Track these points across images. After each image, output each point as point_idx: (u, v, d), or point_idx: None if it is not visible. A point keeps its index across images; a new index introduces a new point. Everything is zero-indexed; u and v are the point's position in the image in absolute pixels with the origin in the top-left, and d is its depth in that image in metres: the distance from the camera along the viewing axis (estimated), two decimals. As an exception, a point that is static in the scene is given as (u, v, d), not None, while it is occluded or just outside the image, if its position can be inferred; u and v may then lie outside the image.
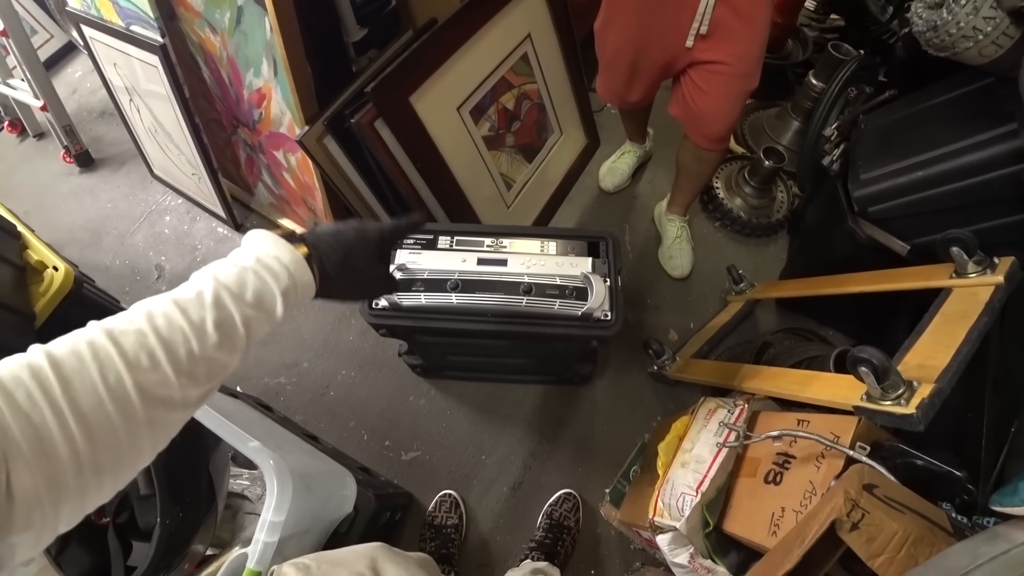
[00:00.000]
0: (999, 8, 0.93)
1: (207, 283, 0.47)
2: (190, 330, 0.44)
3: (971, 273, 0.96)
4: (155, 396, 0.41)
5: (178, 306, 0.44)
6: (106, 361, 0.39)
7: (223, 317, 0.46)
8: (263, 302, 0.49)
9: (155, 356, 0.41)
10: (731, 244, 1.82)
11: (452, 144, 1.27)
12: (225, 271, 0.49)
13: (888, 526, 0.55)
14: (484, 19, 1.27)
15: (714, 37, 1.18)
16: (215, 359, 0.45)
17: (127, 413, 0.39)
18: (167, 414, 0.42)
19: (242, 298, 0.47)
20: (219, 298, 0.46)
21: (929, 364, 0.81)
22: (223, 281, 0.47)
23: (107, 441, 0.38)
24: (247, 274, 0.49)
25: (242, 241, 0.54)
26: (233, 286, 0.47)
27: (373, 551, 0.75)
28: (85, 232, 1.96)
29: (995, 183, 1.04)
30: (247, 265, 0.50)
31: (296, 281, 0.52)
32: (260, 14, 1.18)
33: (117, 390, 0.39)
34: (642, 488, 1.19)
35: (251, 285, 0.48)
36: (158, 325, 0.43)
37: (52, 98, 1.96)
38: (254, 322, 0.48)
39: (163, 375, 0.41)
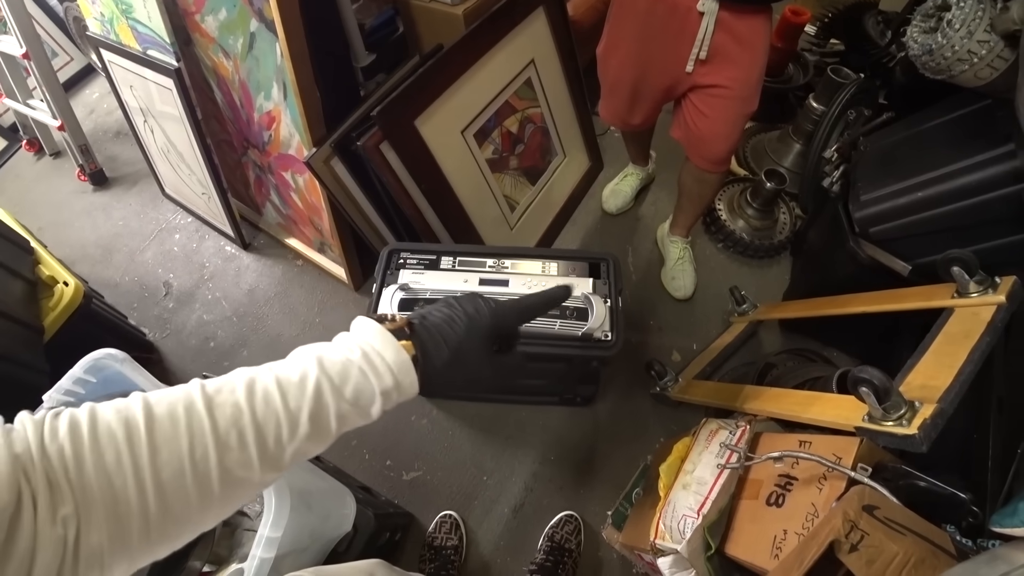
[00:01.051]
0: (993, 32, 0.95)
1: (312, 368, 0.46)
2: (284, 417, 0.43)
3: (973, 293, 0.96)
4: (234, 477, 0.41)
5: (279, 387, 0.44)
6: (198, 434, 0.40)
7: (319, 410, 0.45)
8: (360, 400, 0.47)
9: (245, 438, 0.41)
10: (734, 265, 1.82)
11: (456, 167, 1.29)
12: (331, 358, 0.47)
13: (888, 548, 0.55)
14: (489, 45, 1.30)
15: (714, 62, 1.21)
16: (299, 449, 0.45)
17: (204, 489, 0.40)
18: (240, 493, 0.43)
19: (341, 393, 0.46)
20: (320, 390, 0.45)
21: (931, 384, 0.80)
22: (327, 370, 0.46)
23: (178, 512, 0.39)
24: (351, 368, 0.47)
25: (351, 325, 0.52)
26: (336, 378, 0.46)
27: (372, 568, 0.75)
28: (97, 249, 1.99)
29: (995, 203, 1.04)
30: (353, 359, 0.48)
31: (399, 384, 0.49)
32: (272, 40, 1.22)
33: (201, 466, 0.39)
34: (644, 510, 1.18)
35: (353, 381, 0.47)
36: (255, 404, 0.42)
37: (69, 118, 2.02)
38: (348, 418, 0.47)
39: (248, 458, 0.41)
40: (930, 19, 1.05)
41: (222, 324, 1.76)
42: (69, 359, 0.99)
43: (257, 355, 1.68)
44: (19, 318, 1.31)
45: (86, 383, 0.96)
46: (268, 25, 1.21)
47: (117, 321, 1.62)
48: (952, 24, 0.98)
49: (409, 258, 1.11)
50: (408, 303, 1.04)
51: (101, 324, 1.52)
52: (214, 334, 1.74)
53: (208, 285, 1.86)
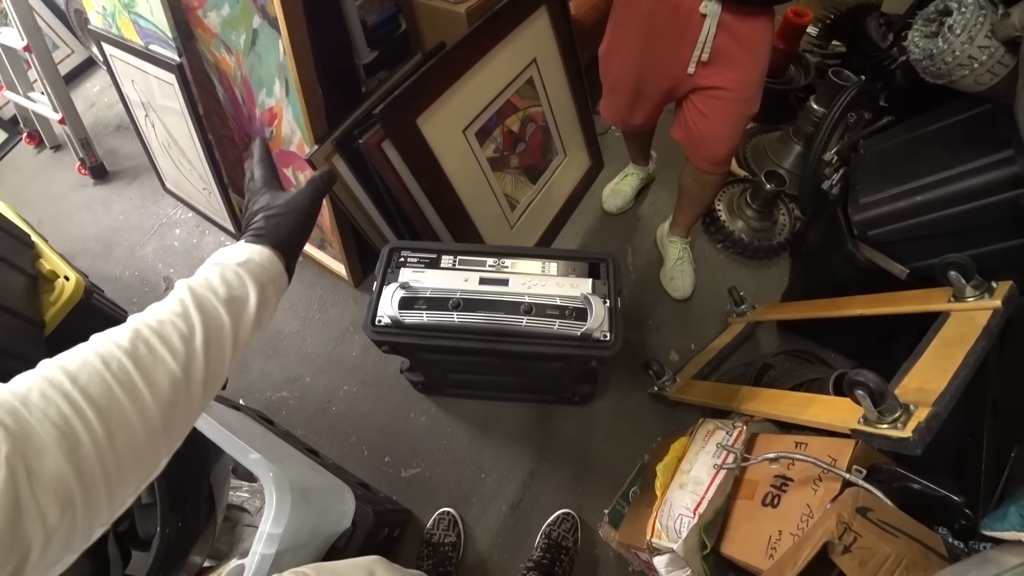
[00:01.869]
0: (994, 37, 0.96)
1: (180, 287, 0.51)
2: (178, 319, 0.47)
3: (969, 297, 0.97)
4: (158, 379, 0.43)
5: (162, 305, 0.48)
6: (106, 355, 0.42)
7: (201, 303, 0.49)
8: (230, 282, 0.52)
9: (150, 343, 0.44)
10: (733, 266, 1.83)
11: (457, 165, 1.29)
12: (191, 280, 0.52)
13: (880, 550, 0.55)
14: (491, 44, 1.30)
15: (715, 64, 1.21)
16: (207, 341, 0.48)
17: (135, 395, 0.41)
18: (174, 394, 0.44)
19: (212, 287, 0.51)
20: (193, 291, 0.50)
21: (927, 388, 0.81)
22: (191, 283, 0.51)
23: (122, 424, 0.40)
24: (209, 271, 0.53)
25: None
26: (202, 282, 0.51)
27: (372, 564, 0.75)
28: (97, 243, 1.99)
29: (993, 208, 1.05)
30: (207, 266, 0.54)
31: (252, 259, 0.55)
32: (274, 37, 1.22)
33: (121, 376, 0.41)
34: (641, 509, 1.19)
35: (216, 276, 0.52)
36: (147, 321, 0.46)
37: (70, 111, 2.01)
38: (233, 303, 0.51)
39: (160, 357, 0.44)
40: (931, 24, 1.06)
41: (222, 319, 1.76)
42: (70, 354, 0.99)
43: (256, 351, 1.68)
44: (20, 312, 1.31)
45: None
46: (271, 22, 1.21)
47: (117, 316, 1.62)
48: (953, 29, 0.98)
49: (410, 256, 1.11)
50: (408, 301, 1.04)
51: (102, 319, 1.52)
52: (214, 329, 1.74)
53: (208, 280, 1.86)
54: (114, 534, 0.87)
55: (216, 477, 0.96)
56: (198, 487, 0.91)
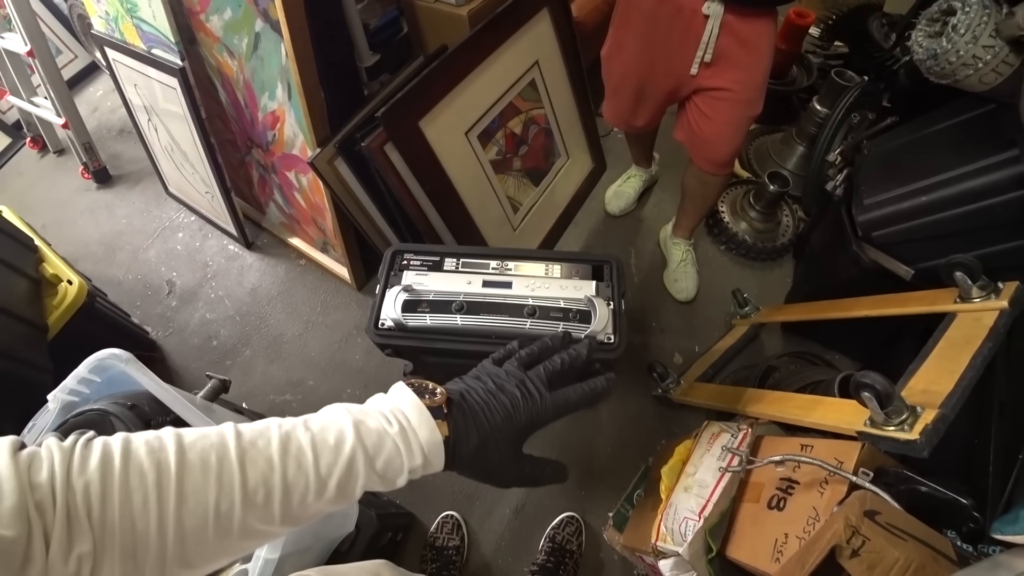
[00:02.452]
0: (998, 37, 0.95)
1: (348, 434, 0.45)
2: (313, 480, 0.43)
3: (975, 298, 0.96)
4: (254, 530, 0.41)
5: (313, 449, 0.44)
6: (226, 488, 0.40)
7: (348, 477, 0.45)
8: (388, 473, 0.47)
9: (271, 496, 0.41)
10: (736, 268, 1.83)
11: (460, 168, 1.29)
12: (368, 426, 0.47)
13: (889, 554, 0.55)
14: (493, 46, 1.30)
15: (718, 65, 1.21)
16: (320, 509, 0.45)
17: (223, 540, 0.40)
18: (255, 544, 0.43)
19: (373, 464, 0.46)
20: (354, 459, 0.45)
21: (933, 389, 0.81)
22: (363, 439, 0.46)
23: (193, 559, 0.39)
24: (386, 440, 0.47)
25: (390, 390, 0.52)
26: (371, 449, 0.46)
27: (377, 568, 0.75)
28: (100, 247, 2.00)
29: (998, 208, 1.04)
30: (390, 432, 0.47)
31: (427, 463, 0.49)
32: (276, 40, 1.23)
33: (224, 520, 0.39)
34: (645, 512, 1.18)
35: (385, 454, 0.46)
36: (287, 464, 0.42)
37: (73, 116, 2.02)
38: (373, 486, 0.47)
39: (270, 515, 0.42)
40: (935, 23, 1.05)
41: (225, 323, 1.77)
42: (72, 357, 0.99)
43: (259, 354, 1.69)
44: (23, 316, 1.32)
45: (91, 383, 0.96)
46: (273, 25, 1.21)
47: (120, 319, 1.62)
48: (957, 29, 0.98)
49: (413, 259, 1.11)
50: (412, 304, 1.04)
51: (104, 322, 1.53)
52: (217, 333, 1.75)
53: (211, 284, 1.87)
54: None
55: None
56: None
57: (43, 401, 0.98)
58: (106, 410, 0.89)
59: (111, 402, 0.91)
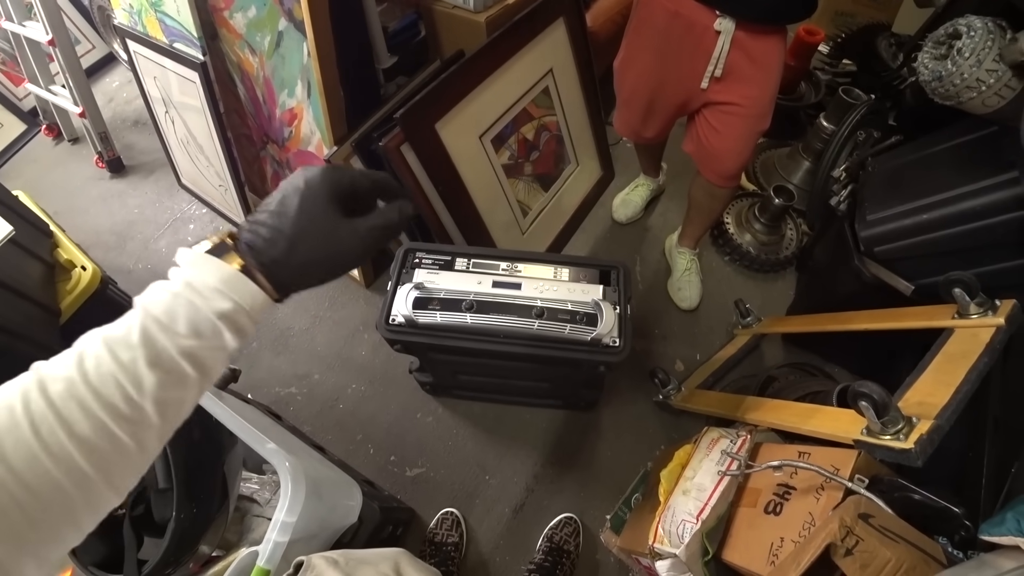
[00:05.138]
0: (1001, 61, 0.98)
1: (135, 316, 0.41)
2: (121, 373, 0.39)
3: (973, 314, 0.99)
4: (98, 448, 0.37)
5: (107, 346, 0.39)
6: (37, 416, 0.36)
7: (156, 354, 0.40)
8: (202, 331, 0.42)
9: (86, 406, 0.37)
10: (740, 278, 1.85)
11: (473, 170, 1.32)
12: (155, 299, 0.42)
13: (882, 554, 0.57)
14: (510, 53, 1.33)
15: (728, 80, 1.24)
16: (161, 399, 0.40)
17: (70, 468, 0.36)
18: (119, 461, 0.39)
19: (174, 330, 0.41)
20: (147, 334, 0.40)
21: (929, 402, 0.83)
22: (151, 312, 0.41)
23: (55, 497, 0.36)
24: (176, 302, 0.42)
25: (176, 258, 0.45)
26: (163, 317, 0.41)
27: (397, 555, 0.77)
28: (111, 235, 2.02)
29: (997, 228, 1.07)
30: (176, 290, 0.42)
31: (236, 302, 0.43)
32: (299, 39, 1.26)
33: (53, 446, 0.36)
34: (643, 515, 1.20)
35: (182, 314, 0.41)
36: (87, 371, 0.38)
37: (91, 106, 2.05)
38: (198, 353, 0.42)
39: (100, 424, 0.38)
40: (941, 46, 1.08)
41: (233, 315, 1.78)
42: (82, 343, 1.01)
43: (266, 347, 1.71)
44: (37, 299, 1.33)
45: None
46: (297, 25, 1.24)
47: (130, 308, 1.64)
48: (962, 52, 1.01)
49: (424, 258, 1.13)
50: (423, 302, 1.06)
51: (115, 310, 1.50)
52: (224, 324, 1.76)
53: (220, 276, 1.89)
54: (129, 517, 0.89)
55: (229, 466, 0.98)
56: (213, 475, 0.93)
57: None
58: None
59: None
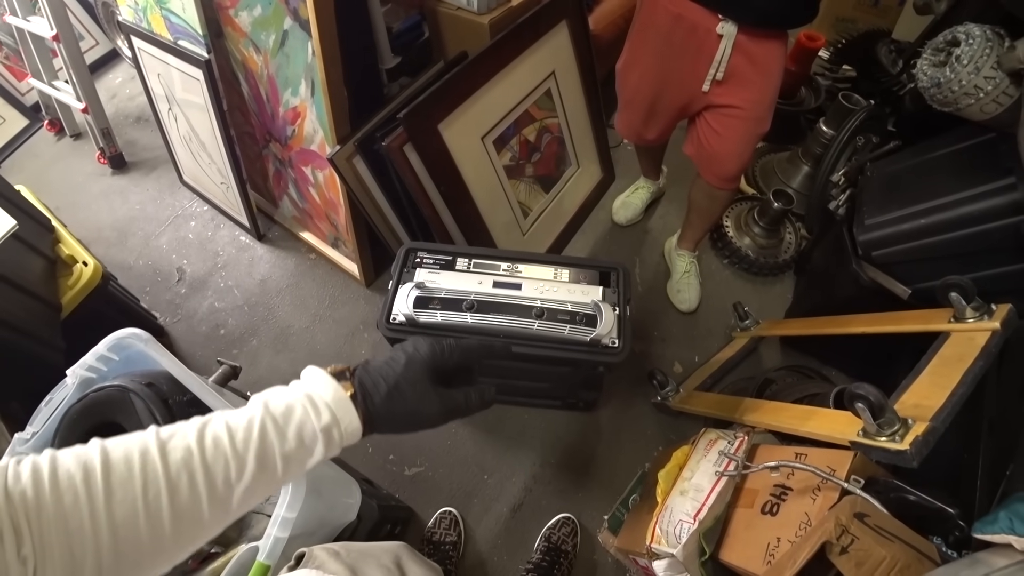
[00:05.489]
0: (999, 69, 0.99)
1: (257, 411, 0.48)
2: (232, 458, 0.45)
3: (969, 318, 0.99)
4: (184, 517, 0.43)
5: (228, 431, 0.47)
6: (151, 477, 0.42)
7: (264, 449, 0.47)
8: (303, 438, 0.49)
9: (195, 479, 0.44)
10: (738, 282, 1.86)
11: (474, 171, 1.33)
12: (275, 401, 0.50)
13: (876, 552, 0.58)
14: (513, 55, 1.34)
15: (729, 83, 1.25)
16: (248, 489, 0.46)
17: (156, 529, 0.42)
18: (191, 534, 0.45)
19: (284, 432, 0.48)
20: (264, 430, 0.47)
21: (925, 404, 0.84)
22: (271, 411, 0.49)
23: (130, 552, 0.41)
24: (294, 408, 0.50)
25: (301, 373, 0.55)
26: (279, 419, 0.49)
27: (397, 549, 0.77)
28: (112, 231, 2.03)
29: (994, 233, 1.08)
30: (295, 399, 0.50)
31: (338, 420, 0.51)
32: (304, 39, 1.26)
33: (153, 507, 0.41)
34: (641, 516, 1.21)
35: (295, 420, 0.49)
36: (205, 447, 0.45)
37: (94, 101, 2.05)
38: (293, 457, 0.49)
39: (197, 498, 0.44)
40: (940, 53, 1.09)
41: (233, 312, 1.79)
42: (83, 338, 1.01)
43: (266, 345, 1.71)
44: (38, 294, 1.34)
45: (109, 360, 0.99)
46: (302, 24, 1.25)
47: (130, 304, 1.65)
48: (960, 60, 1.02)
49: (426, 257, 1.14)
50: (423, 301, 1.07)
51: (115, 306, 1.55)
52: (224, 322, 1.77)
53: (221, 273, 1.90)
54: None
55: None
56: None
57: (53, 378, 0.99)
58: (125, 386, 0.92)
59: (129, 379, 0.94)
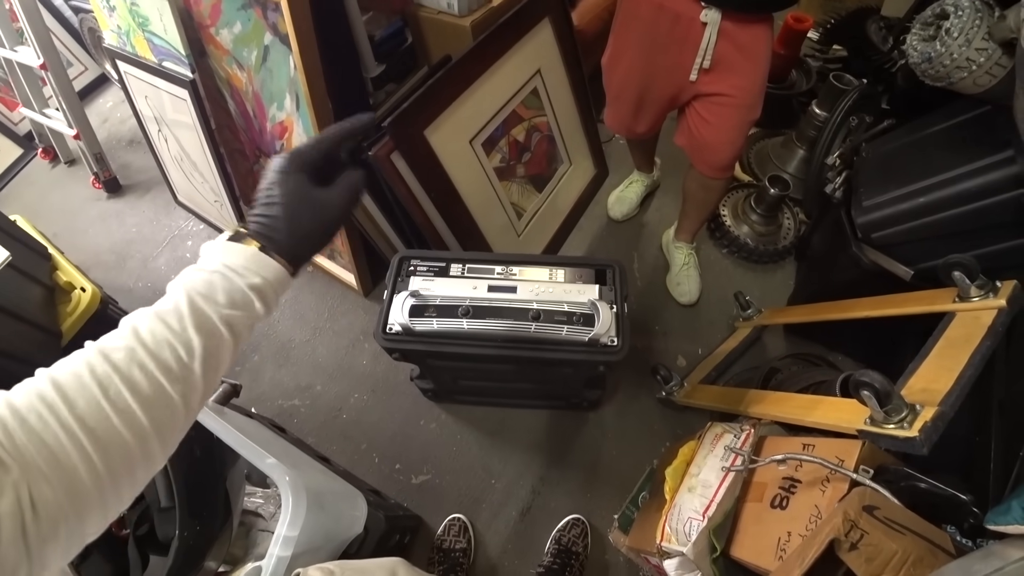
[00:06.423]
0: (991, 39, 0.97)
1: (180, 293, 0.49)
2: (174, 339, 0.46)
3: (974, 297, 0.97)
4: (155, 404, 0.44)
5: (160, 318, 0.47)
6: (104, 380, 0.42)
7: (202, 321, 0.48)
8: (236, 301, 0.50)
9: (147, 369, 0.44)
10: (738, 271, 1.84)
11: (464, 175, 1.31)
12: (194, 278, 0.50)
13: (887, 547, 0.56)
14: (496, 56, 1.33)
15: (717, 71, 1.23)
16: (206, 360, 0.47)
17: (132, 423, 0.42)
18: (171, 418, 0.45)
19: (215, 300, 0.49)
20: (194, 305, 0.48)
21: (932, 388, 0.82)
22: (196, 288, 0.49)
23: (118, 451, 0.41)
24: (214, 277, 0.50)
25: (200, 252, 0.54)
26: (204, 290, 0.49)
27: (394, 565, 0.77)
28: (111, 255, 2.03)
29: (995, 208, 1.05)
30: (211, 273, 0.51)
31: (261, 274, 0.52)
32: (285, 53, 1.25)
33: (119, 404, 0.42)
34: (650, 514, 1.19)
35: (220, 288, 0.50)
36: (144, 339, 0.45)
37: (85, 127, 2.06)
38: (235, 319, 0.50)
39: (158, 384, 0.44)
40: (929, 27, 1.07)
41: (233, 329, 1.79)
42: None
43: (268, 360, 1.71)
44: (37, 323, 1.34)
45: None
46: (282, 38, 1.24)
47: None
48: (950, 32, 1.00)
49: (419, 265, 1.13)
50: (419, 309, 1.06)
51: (117, 329, 1.55)
52: (226, 339, 1.77)
53: (219, 291, 1.89)
54: (134, 537, 0.89)
55: (232, 482, 0.98)
56: (215, 492, 0.93)
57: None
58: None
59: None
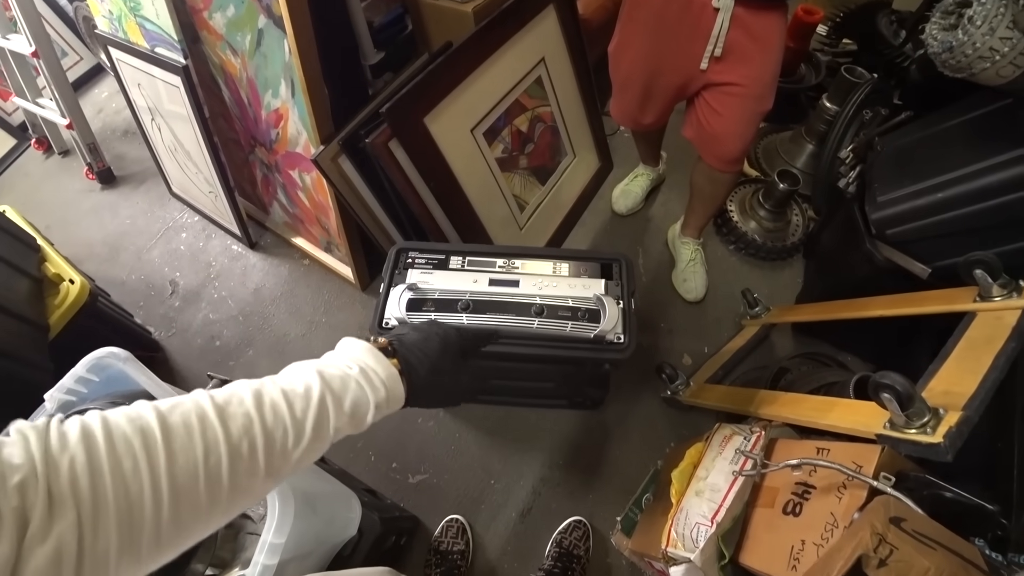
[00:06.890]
0: (1016, 28, 0.92)
1: (314, 381, 0.49)
2: (291, 426, 0.46)
3: (996, 296, 0.93)
4: (241, 483, 0.43)
5: (286, 398, 0.47)
6: (212, 443, 0.41)
7: (322, 419, 0.48)
8: (357, 411, 0.51)
9: (255, 446, 0.43)
10: (746, 267, 1.80)
11: (465, 165, 1.27)
12: (331, 372, 0.51)
13: (919, 563, 0.52)
14: (499, 43, 1.28)
15: (728, 59, 1.19)
16: (301, 457, 0.47)
17: (214, 496, 0.41)
18: (244, 499, 0.44)
19: (341, 404, 0.50)
20: (323, 401, 0.48)
21: (955, 391, 0.78)
22: (329, 383, 0.50)
23: (188, 518, 0.40)
24: (350, 381, 0.51)
25: (338, 346, 0.57)
26: (337, 391, 0.50)
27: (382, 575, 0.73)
28: (104, 247, 1.99)
29: (1017, 204, 1.01)
30: (351, 373, 0.52)
31: (390, 395, 0.54)
32: (280, 37, 1.21)
33: (214, 473, 0.41)
34: (655, 517, 1.16)
35: (351, 393, 0.51)
36: (265, 414, 0.45)
37: (78, 117, 2.02)
38: (344, 428, 0.50)
39: (255, 465, 0.43)
40: (950, 16, 1.03)
41: (228, 323, 1.75)
42: (74, 357, 0.97)
43: (263, 355, 1.67)
44: (24, 315, 1.30)
45: (88, 382, 0.95)
46: (276, 21, 1.20)
47: (123, 319, 1.61)
48: (973, 21, 0.95)
49: (418, 257, 1.09)
50: (416, 303, 1.02)
51: (107, 322, 1.52)
52: (220, 333, 1.73)
53: (214, 284, 1.86)
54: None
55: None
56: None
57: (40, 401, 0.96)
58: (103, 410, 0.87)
59: (108, 401, 0.90)
